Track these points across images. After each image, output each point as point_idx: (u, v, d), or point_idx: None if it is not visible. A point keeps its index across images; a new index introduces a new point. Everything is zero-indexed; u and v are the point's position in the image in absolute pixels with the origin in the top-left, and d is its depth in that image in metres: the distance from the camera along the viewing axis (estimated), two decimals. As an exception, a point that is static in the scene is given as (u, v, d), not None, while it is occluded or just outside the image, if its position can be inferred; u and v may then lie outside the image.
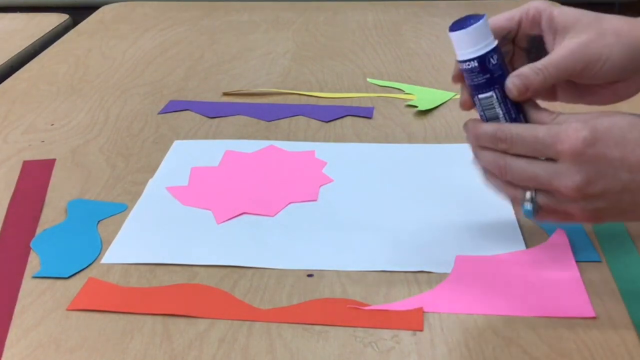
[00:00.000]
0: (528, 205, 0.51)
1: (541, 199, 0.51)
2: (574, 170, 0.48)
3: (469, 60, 0.52)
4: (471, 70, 0.52)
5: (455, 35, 0.52)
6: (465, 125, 0.54)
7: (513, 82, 0.52)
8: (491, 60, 0.52)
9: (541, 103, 0.54)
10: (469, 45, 0.52)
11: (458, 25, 0.52)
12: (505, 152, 0.51)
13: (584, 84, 0.55)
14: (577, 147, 0.47)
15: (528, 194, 0.51)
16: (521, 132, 0.50)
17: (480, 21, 0.51)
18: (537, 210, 0.51)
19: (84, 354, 0.50)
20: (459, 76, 0.55)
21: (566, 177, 0.48)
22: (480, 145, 0.53)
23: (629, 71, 0.54)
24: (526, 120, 0.53)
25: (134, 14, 1.38)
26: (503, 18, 0.55)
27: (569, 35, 0.53)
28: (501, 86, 0.52)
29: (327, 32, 1.24)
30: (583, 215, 0.50)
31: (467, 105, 0.55)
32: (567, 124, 0.49)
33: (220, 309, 0.54)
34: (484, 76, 0.52)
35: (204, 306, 0.54)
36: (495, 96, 0.53)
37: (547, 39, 0.54)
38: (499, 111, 0.53)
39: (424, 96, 0.93)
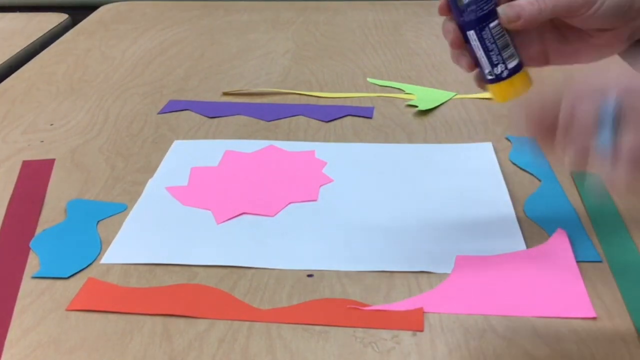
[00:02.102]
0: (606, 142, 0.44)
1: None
2: None
3: None
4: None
5: None
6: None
7: (504, 10, 0.52)
8: None
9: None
10: None
11: None
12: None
13: (574, 31, 0.54)
14: None
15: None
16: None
17: None
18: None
19: (84, 354, 0.50)
20: (446, 7, 0.53)
21: None
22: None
23: (623, 17, 0.53)
24: None
25: (134, 14, 1.38)
26: None
27: None
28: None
29: (327, 32, 1.24)
30: None
31: (443, 11, 0.54)
32: None
33: (220, 309, 0.54)
34: (495, 5, 0.52)
35: (203, 306, 0.54)
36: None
37: None
38: (508, 37, 0.52)
39: (424, 96, 0.93)
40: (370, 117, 0.88)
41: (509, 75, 0.54)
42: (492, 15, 0.51)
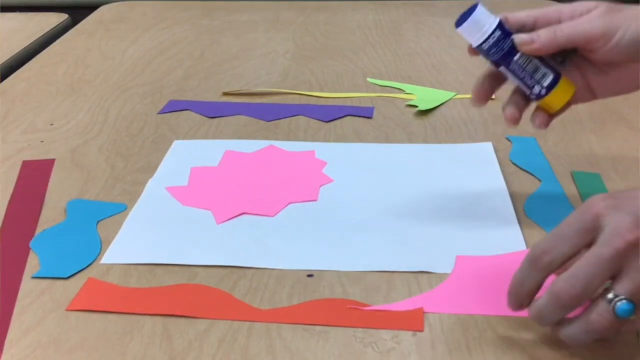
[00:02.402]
0: (621, 304, 0.44)
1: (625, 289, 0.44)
2: None
3: (492, 33, 0.57)
4: (497, 40, 0.57)
5: (469, 23, 0.57)
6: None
7: (519, 36, 0.57)
8: (504, 25, 0.57)
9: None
10: (484, 23, 0.57)
11: (462, 20, 0.58)
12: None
13: (597, 63, 0.57)
14: (631, 232, 0.43)
15: (610, 295, 0.44)
16: (585, 264, 0.44)
17: (479, 4, 0.57)
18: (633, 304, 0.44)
19: (84, 354, 0.50)
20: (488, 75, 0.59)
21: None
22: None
23: None
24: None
25: (134, 14, 1.38)
26: (523, 14, 0.58)
27: (591, 13, 0.56)
28: None
29: (327, 32, 1.24)
30: None
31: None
32: (610, 223, 0.44)
33: (220, 309, 0.54)
34: (510, 37, 0.57)
35: (203, 306, 0.54)
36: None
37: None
38: (537, 61, 0.58)
39: (424, 96, 0.93)
40: (370, 117, 0.88)
41: (548, 92, 0.59)
42: (514, 50, 0.57)
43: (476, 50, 0.59)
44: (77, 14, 1.39)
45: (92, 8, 1.42)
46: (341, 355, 0.49)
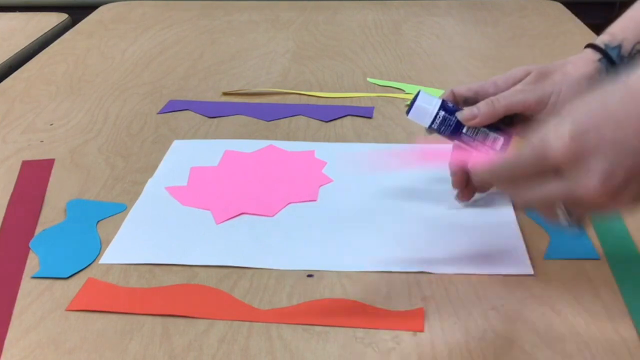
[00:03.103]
0: (564, 220, 0.46)
1: (577, 211, 0.46)
2: (584, 173, 0.42)
3: (436, 114, 0.62)
4: (443, 119, 0.62)
5: (415, 110, 0.63)
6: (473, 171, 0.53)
7: (462, 112, 0.61)
8: (448, 104, 0.63)
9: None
10: (427, 107, 0.62)
11: (410, 108, 0.63)
12: (518, 187, 0.48)
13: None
14: (569, 146, 0.42)
15: (558, 211, 0.46)
16: (510, 160, 0.48)
17: (420, 92, 0.63)
18: (580, 221, 0.47)
19: (83, 354, 0.50)
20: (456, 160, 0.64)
21: (582, 184, 0.43)
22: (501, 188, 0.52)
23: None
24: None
25: (133, 14, 1.38)
26: (464, 88, 0.64)
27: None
28: None
29: (327, 32, 1.24)
30: (630, 205, 0.44)
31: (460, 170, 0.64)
32: (546, 127, 0.45)
33: (219, 309, 0.54)
34: (454, 114, 0.62)
35: (203, 307, 0.54)
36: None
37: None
38: (484, 129, 0.62)
39: (424, 96, 0.93)
40: (370, 117, 0.88)
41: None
42: (460, 124, 0.62)
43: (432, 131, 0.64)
44: (77, 14, 1.39)
45: (92, 8, 1.42)
46: (341, 356, 0.49)
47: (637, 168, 0.42)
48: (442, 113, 0.62)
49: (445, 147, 0.64)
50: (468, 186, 0.65)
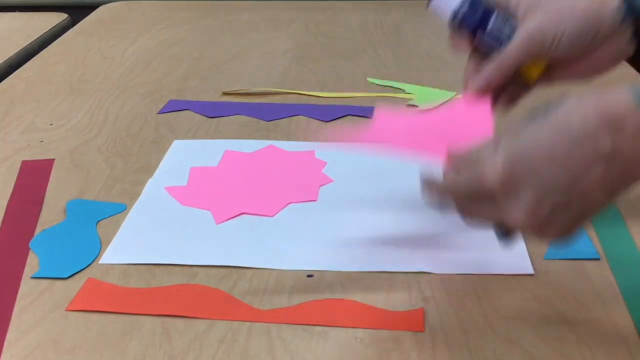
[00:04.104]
0: (499, 238, 0.49)
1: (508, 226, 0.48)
2: (513, 202, 0.44)
3: (461, 4, 0.58)
4: (469, 10, 0.58)
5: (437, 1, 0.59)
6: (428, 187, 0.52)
7: (473, 85, 0.58)
8: None
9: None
10: None
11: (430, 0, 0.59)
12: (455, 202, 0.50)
13: (556, 62, 0.58)
14: (501, 175, 0.44)
15: (494, 230, 0.49)
16: (449, 184, 0.49)
17: None
18: (510, 234, 0.49)
19: (83, 354, 0.50)
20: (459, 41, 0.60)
21: (511, 212, 0.45)
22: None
23: (587, 44, 0.56)
24: None
25: (133, 14, 1.38)
26: None
27: (528, 17, 0.57)
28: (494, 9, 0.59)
29: (327, 32, 1.24)
30: (557, 235, 0.46)
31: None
32: (481, 156, 0.46)
33: (219, 309, 0.54)
34: (481, 8, 0.58)
35: (203, 307, 0.54)
36: (499, 17, 0.58)
37: (517, 15, 0.58)
38: (512, 21, 0.58)
39: (425, 96, 0.93)
40: (371, 117, 0.87)
41: None
42: (487, 14, 0.58)
43: (456, 37, 0.60)
44: (77, 13, 1.39)
45: (92, 8, 1.42)
46: (341, 356, 0.49)
47: (563, 201, 0.43)
48: (468, 3, 0.58)
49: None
50: None
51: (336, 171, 0.74)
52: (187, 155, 0.78)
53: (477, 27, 0.58)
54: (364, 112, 0.89)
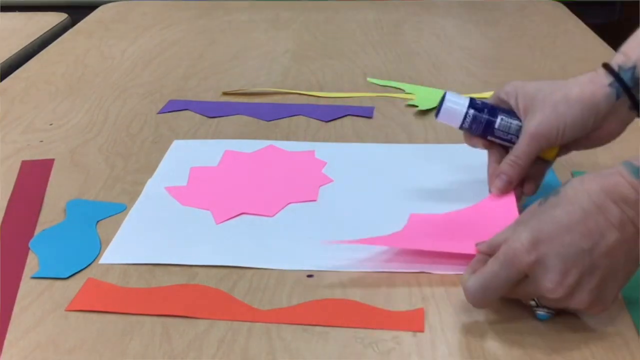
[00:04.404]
0: (540, 311, 0.51)
1: (546, 302, 0.51)
2: (543, 274, 0.48)
3: (465, 114, 0.63)
4: (474, 118, 0.63)
5: (444, 112, 0.63)
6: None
7: (496, 187, 0.62)
8: (477, 101, 0.63)
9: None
10: (457, 107, 0.63)
11: (438, 111, 0.64)
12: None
13: (566, 143, 0.62)
14: (530, 252, 0.48)
15: (533, 303, 0.51)
16: (482, 281, 0.50)
17: (447, 93, 0.63)
18: (552, 312, 0.51)
19: (83, 354, 0.50)
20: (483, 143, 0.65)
21: (542, 284, 0.48)
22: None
23: (590, 126, 0.61)
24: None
25: (133, 14, 1.38)
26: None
27: (529, 116, 0.61)
28: (498, 110, 0.64)
29: (327, 32, 1.24)
30: (589, 301, 0.49)
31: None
32: (506, 241, 0.50)
33: (219, 309, 0.54)
34: (485, 111, 0.63)
35: (203, 307, 0.54)
36: (504, 117, 0.63)
37: (519, 114, 0.63)
38: (517, 122, 0.63)
39: (425, 96, 0.93)
40: (371, 117, 0.88)
41: None
42: (492, 120, 0.63)
43: (469, 136, 0.65)
44: (77, 13, 1.39)
45: (92, 8, 1.42)
46: (341, 356, 0.49)
47: (588, 266, 0.48)
48: (472, 112, 0.62)
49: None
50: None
51: (336, 171, 0.74)
52: (187, 155, 0.78)
53: (485, 131, 0.63)
54: (364, 112, 0.89)
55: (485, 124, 0.63)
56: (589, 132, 0.61)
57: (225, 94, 0.96)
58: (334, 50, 1.14)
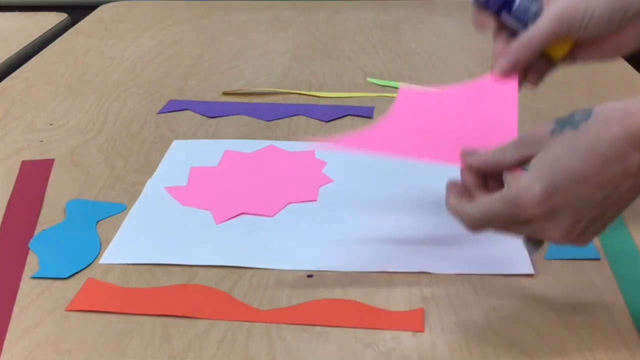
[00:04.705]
0: (530, 245, 0.51)
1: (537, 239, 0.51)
2: (552, 225, 0.47)
3: None
4: None
5: None
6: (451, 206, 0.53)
7: (500, 65, 0.58)
8: None
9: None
10: None
11: None
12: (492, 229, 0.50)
13: (582, 41, 0.58)
14: (541, 204, 0.46)
15: (522, 238, 0.51)
16: (484, 215, 0.49)
17: None
18: (541, 245, 0.51)
19: (83, 354, 0.50)
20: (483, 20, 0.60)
21: (549, 232, 0.47)
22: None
23: (617, 24, 0.56)
24: None
25: (133, 13, 1.38)
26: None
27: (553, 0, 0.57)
28: None
29: (327, 32, 1.24)
30: (591, 237, 0.49)
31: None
32: (518, 184, 0.47)
33: (219, 309, 0.54)
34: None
35: (203, 307, 0.54)
36: None
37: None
38: (536, 6, 0.57)
39: (424, 96, 0.93)
40: (371, 117, 0.87)
41: None
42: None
43: (480, 15, 0.60)
44: (77, 13, 1.39)
45: (92, 8, 1.42)
46: (341, 356, 0.49)
47: (597, 215, 0.47)
48: None
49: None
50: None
51: (336, 171, 0.74)
52: (187, 155, 0.78)
53: (502, 7, 0.58)
54: (364, 112, 0.89)
55: (505, 0, 0.57)
56: (611, 32, 0.57)
57: (225, 94, 0.96)
58: (334, 50, 1.14)
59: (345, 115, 0.88)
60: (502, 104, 0.56)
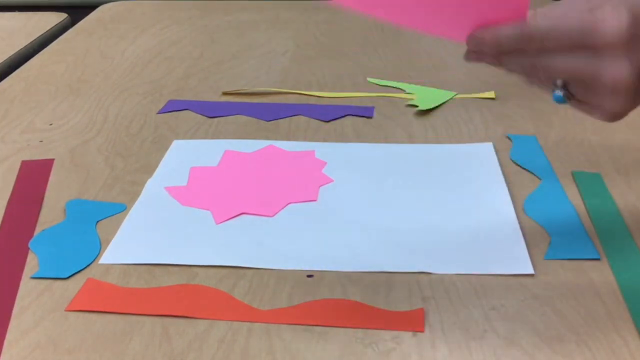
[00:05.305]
0: (559, 92, 0.46)
1: (574, 89, 0.45)
2: (621, 60, 0.41)
3: None
4: None
5: None
6: (475, 37, 0.47)
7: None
8: None
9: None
10: None
11: None
12: (538, 51, 0.45)
13: None
14: (622, 32, 0.40)
15: (559, 82, 0.46)
16: (552, 24, 0.43)
17: None
18: (569, 98, 0.46)
19: (83, 355, 0.50)
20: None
21: (613, 68, 0.41)
22: (505, 52, 0.47)
23: None
24: None
25: (133, 13, 1.38)
26: None
27: None
28: None
29: (327, 32, 1.24)
30: (622, 109, 0.43)
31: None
32: (601, 8, 0.42)
33: (219, 309, 0.54)
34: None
35: (203, 307, 0.54)
36: None
37: None
38: None
39: (425, 96, 0.93)
40: (371, 117, 0.87)
41: None
42: None
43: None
44: (77, 13, 1.39)
45: (92, 8, 1.42)
46: (341, 356, 0.49)
47: None
48: None
49: None
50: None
51: (336, 171, 0.74)
52: (187, 155, 0.78)
53: None
54: (364, 112, 0.89)
55: None
56: None
57: (225, 93, 0.96)
58: (334, 50, 1.14)
59: (345, 115, 0.88)
60: None
